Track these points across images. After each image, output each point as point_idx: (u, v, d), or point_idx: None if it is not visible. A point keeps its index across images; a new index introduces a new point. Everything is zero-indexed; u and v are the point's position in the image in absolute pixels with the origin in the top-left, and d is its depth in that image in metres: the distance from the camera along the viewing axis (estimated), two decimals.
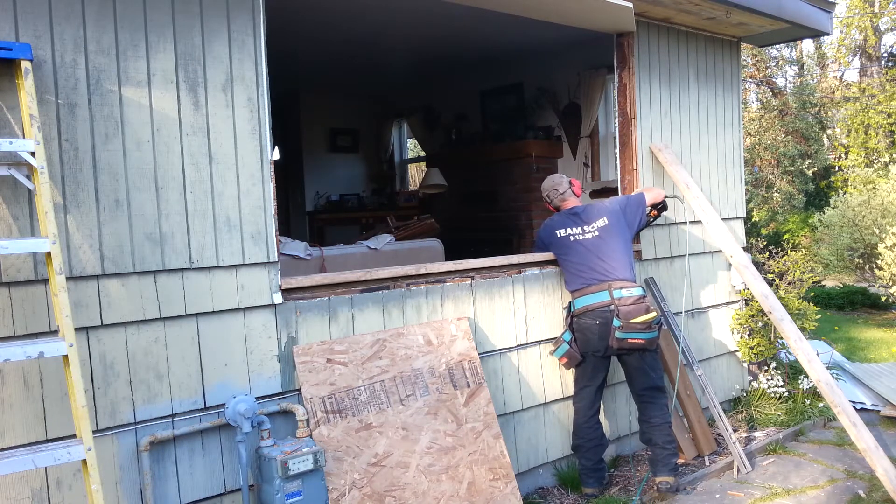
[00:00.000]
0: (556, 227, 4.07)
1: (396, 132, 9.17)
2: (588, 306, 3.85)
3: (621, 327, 3.75)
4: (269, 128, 3.10)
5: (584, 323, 3.87)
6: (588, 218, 4.02)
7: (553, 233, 4.07)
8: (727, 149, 5.44)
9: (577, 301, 3.91)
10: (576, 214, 4.06)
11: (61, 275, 2.35)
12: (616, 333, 3.76)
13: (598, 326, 3.82)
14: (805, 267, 5.85)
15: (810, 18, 5.20)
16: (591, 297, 3.86)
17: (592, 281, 3.88)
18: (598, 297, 3.84)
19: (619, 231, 3.98)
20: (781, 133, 15.49)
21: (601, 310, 3.82)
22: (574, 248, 3.96)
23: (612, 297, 3.80)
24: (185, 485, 2.90)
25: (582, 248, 3.94)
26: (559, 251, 4.05)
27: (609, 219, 3.99)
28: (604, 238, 3.94)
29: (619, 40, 4.66)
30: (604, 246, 3.93)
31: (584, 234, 3.97)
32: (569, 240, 3.99)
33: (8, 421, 2.50)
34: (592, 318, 3.84)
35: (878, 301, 9.44)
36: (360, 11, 4.99)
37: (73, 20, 2.61)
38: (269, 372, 3.11)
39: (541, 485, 4.17)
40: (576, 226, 4.00)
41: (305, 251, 4.46)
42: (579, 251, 3.95)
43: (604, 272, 3.88)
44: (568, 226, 4.02)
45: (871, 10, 15.00)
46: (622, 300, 3.79)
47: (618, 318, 3.76)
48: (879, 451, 3.71)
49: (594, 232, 3.96)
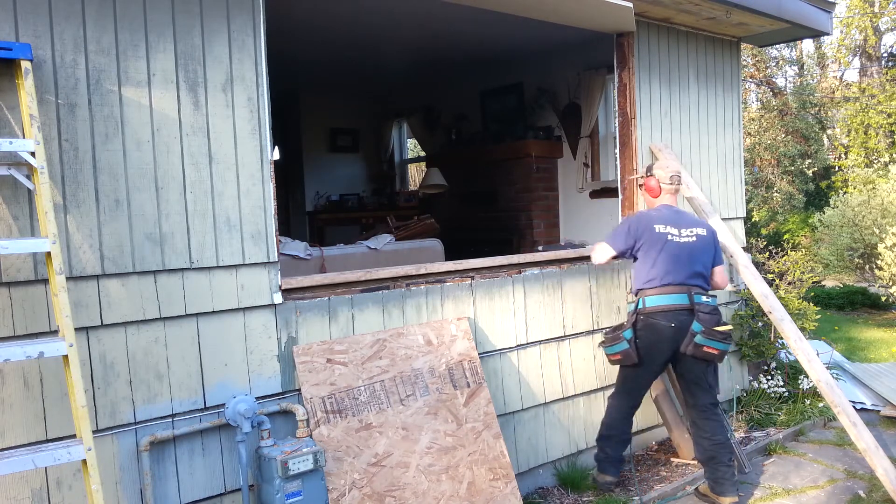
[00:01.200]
0: (656, 220, 3.83)
1: (396, 132, 9.17)
2: (664, 306, 3.68)
3: (703, 332, 3.62)
4: (269, 128, 3.10)
5: (655, 323, 3.69)
6: (688, 222, 3.87)
7: (651, 226, 3.82)
8: (727, 149, 5.44)
9: (650, 299, 3.72)
10: (678, 214, 3.91)
11: (61, 275, 2.35)
12: (696, 339, 3.62)
13: (672, 330, 3.67)
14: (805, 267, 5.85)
15: (810, 18, 5.20)
16: (667, 298, 3.69)
17: (672, 281, 3.71)
18: (677, 298, 3.69)
19: (711, 249, 3.88)
20: (781, 133, 15.49)
21: (677, 312, 3.67)
22: (667, 247, 3.76)
23: (692, 301, 3.68)
24: (185, 485, 2.90)
25: (675, 248, 3.76)
26: (648, 245, 3.79)
27: (708, 232, 3.89)
28: (699, 246, 3.81)
29: (619, 40, 4.66)
30: (696, 253, 3.79)
31: (679, 237, 3.79)
32: (665, 238, 3.78)
33: (8, 421, 2.50)
34: (666, 319, 3.67)
35: (878, 301, 9.44)
36: (361, 11, 4.99)
37: (73, 20, 2.61)
38: (269, 372, 3.11)
39: (541, 485, 4.17)
40: (675, 226, 3.81)
41: (305, 251, 4.47)
42: (670, 250, 3.76)
43: (687, 276, 3.73)
44: (669, 223, 3.81)
45: (871, 10, 15.00)
46: (702, 306, 3.67)
47: (699, 322, 3.63)
48: (879, 451, 3.71)
49: (691, 237, 3.80)
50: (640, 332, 3.74)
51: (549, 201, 6.85)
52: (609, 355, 3.87)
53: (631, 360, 3.75)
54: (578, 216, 6.71)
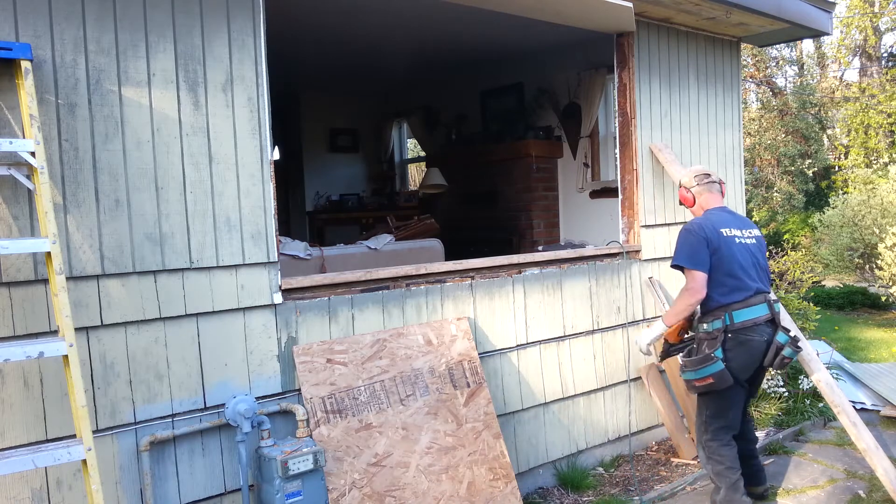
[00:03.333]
0: (718, 224, 3.49)
1: (396, 132, 9.17)
2: (754, 319, 3.40)
3: (790, 344, 3.42)
4: (269, 128, 3.10)
5: (749, 339, 3.40)
6: (741, 223, 3.61)
7: (718, 231, 3.46)
8: (727, 149, 5.44)
9: (739, 313, 3.40)
10: (732, 214, 3.64)
11: (61, 275, 2.35)
12: (785, 351, 3.41)
13: (764, 344, 3.41)
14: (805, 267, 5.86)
15: (810, 18, 5.20)
16: (754, 310, 3.41)
17: (753, 290, 3.44)
18: (761, 309, 3.43)
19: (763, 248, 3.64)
20: (781, 133, 15.50)
21: (764, 325, 3.42)
22: (737, 251, 3.45)
23: (772, 310, 3.45)
24: (185, 485, 2.90)
25: (747, 251, 3.48)
26: (722, 252, 3.43)
27: (758, 231, 3.65)
28: (759, 246, 3.58)
29: (619, 40, 4.66)
30: (759, 255, 3.55)
31: (743, 238, 3.52)
32: (734, 240, 3.47)
33: (8, 421, 2.50)
34: (759, 333, 3.40)
35: (878, 301, 9.44)
36: (361, 11, 4.99)
37: (73, 20, 2.61)
38: (269, 372, 3.11)
39: (541, 485, 4.17)
40: (736, 227, 3.53)
41: (305, 251, 4.46)
42: (743, 254, 3.46)
43: (760, 282, 3.50)
44: (730, 225, 3.52)
45: (871, 10, 15.00)
46: (779, 315, 3.47)
47: (784, 332, 3.43)
48: (879, 451, 3.71)
49: (752, 239, 3.56)
50: (730, 353, 3.41)
51: (549, 201, 6.85)
52: (696, 380, 3.43)
53: (726, 383, 3.38)
54: (578, 216, 6.71)
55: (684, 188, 3.76)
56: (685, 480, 4.15)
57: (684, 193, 3.76)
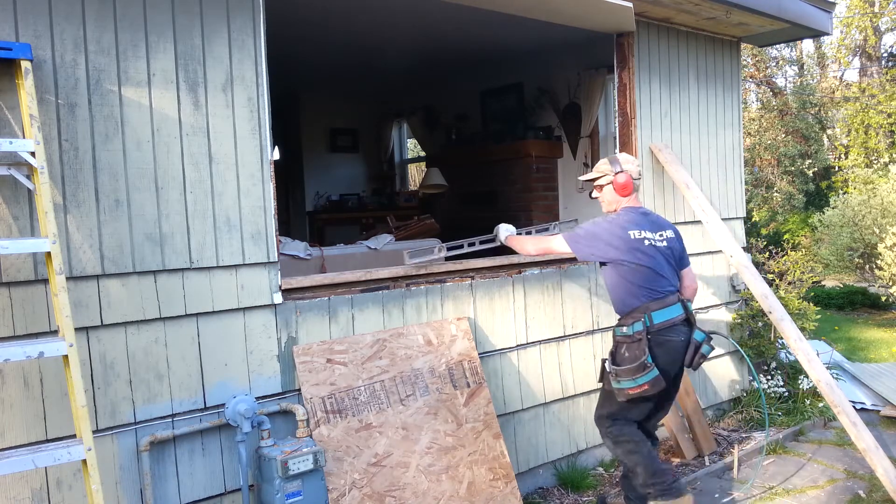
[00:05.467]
0: (628, 226, 3.40)
1: (396, 132, 9.18)
2: (672, 320, 3.36)
3: (706, 341, 3.40)
4: (269, 128, 3.10)
5: (668, 340, 3.35)
6: (656, 224, 3.51)
7: (625, 232, 3.38)
8: (727, 149, 5.44)
9: (658, 314, 3.35)
10: (646, 215, 3.53)
11: (61, 275, 2.35)
12: (703, 349, 3.37)
13: (682, 343, 3.38)
14: (805, 267, 5.85)
15: (810, 18, 5.20)
16: (671, 310, 3.37)
17: (668, 291, 3.41)
18: (677, 309, 3.39)
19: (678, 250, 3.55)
20: (781, 133, 15.50)
21: (681, 325, 3.39)
22: (650, 253, 3.39)
23: (686, 309, 3.42)
24: (185, 485, 2.90)
25: (660, 255, 3.42)
26: (630, 256, 3.36)
27: (675, 233, 3.56)
28: (671, 248, 3.49)
29: (619, 40, 4.66)
30: (672, 256, 3.49)
31: (656, 241, 3.44)
32: (643, 243, 3.38)
33: (8, 421, 2.50)
34: (676, 333, 3.37)
35: (878, 301, 9.44)
36: (360, 11, 4.98)
37: (73, 20, 2.61)
38: (269, 372, 3.11)
39: (541, 485, 4.17)
40: (650, 230, 3.44)
41: (305, 251, 4.46)
42: (656, 257, 3.40)
43: (673, 284, 3.46)
44: (643, 227, 3.42)
45: (871, 10, 15.00)
46: (693, 314, 3.46)
47: (700, 330, 3.41)
48: (879, 451, 3.71)
49: (663, 241, 3.48)
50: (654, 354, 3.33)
51: (549, 201, 6.85)
52: (631, 389, 3.28)
53: (660, 387, 3.28)
54: (578, 216, 6.70)
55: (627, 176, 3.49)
56: (685, 480, 4.15)
57: (623, 180, 3.48)
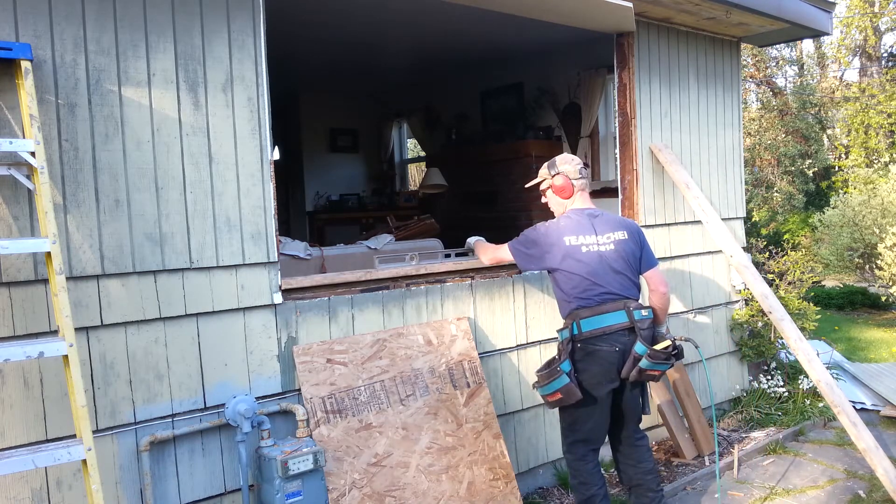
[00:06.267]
0: (565, 231, 3.29)
1: (396, 132, 9.18)
2: (604, 329, 3.15)
3: (649, 356, 3.12)
4: (269, 128, 3.10)
5: (598, 349, 3.15)
6: (605, 226, 3.33)
7: (560, 238, 3.27)
8: (727, 149, 5.44)
9: (587, 322, 3.17)
10: (595, 217, 3.35)
11: (61, 275, 2.35)
12: (642, 363, 3.12)
13: (616, 354, 3.16)
14: (805, 267, 5.85)
15: (810, 18, 5.20)
16: (606, 318, 3.16)
17: (606, 298, 3.19)
18: (615, 317, 3.17)
19: (634, 252, 3.33)
20: (781, 133, 15.50)
21: (619, 333, 3.16)
22: (585, 259, 3.23)
23: (631, 318, 3.17)
24: (185, 485, 2.90)
25: (596, 259, 3.24)
26: (563, 263, 3.25)
27: (630, 232, 3.36)
28: (620, 252, 3.28)
29: (619, 40, 4.66)
30: (620, 260, 3.27)
31: (598, 245, 3.26)
32: (579, 250, 3.24)
33: (8, 421, 2.50)
34: (609, 342, 3.15)
35: (878, 301, 9.44)
36: (360, 11, 4.99)
37: (73, 20, 2.61)
38: (269, 372, 3.12)
39: (541, 485, 4.17)
40: (590, 233, 3.28)
41: (305, 251, 4.47)
42: (591, 263, 3.23)
43: (619, 289, 3.23)
44: (581, 232, 3.28)
45: (871, 10, 15.00)
46: (642, 322, 3.18)
47: (642, 343, 3.13)
48: (879, 451, 3.71)
49: (609, 245, 3.28)
50: (579, 364, 3.17)
51: None
52: (547, 396, 3.17)
53: (574, 397, 3.11)
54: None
55: (565, 178, 3.41)
56: (685, 480, 4.15)
57: (560, 183, 3.42)
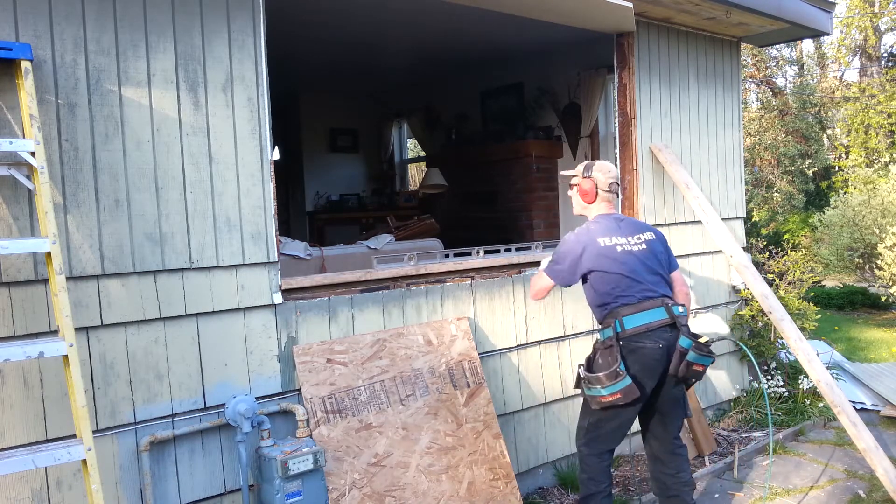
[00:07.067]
0: (596, 234, 3.26)
1: (396, 132, 9.18)
2: (647, 325, 3.11)
3: (695, 347, 3.07)
4: (269, 128, 3.10)
5: (641, 346, 3.10)
6: (632, 228, 3.34)
7: (593, 240, 3.23)
8: (727, 149, 5.44)
9: (630, 319, 3.12)
10: (621, 221, 3.36)
11: (61, 275, 2.35)
12: (689, 356, 3.06)
13: (661, 351, 3.10)
14: (805, 267, 5.85)
15: (810, 18, 5.20)
16: (647, 315, 3.13)
17: (647, 295, 3.17)
18: (657, 314, 3.13)
19: (663, 253, 3.36)
20: (781, 133, 15.50)
21: (662, 329, 3.12)
22: (621, 259, 3.20)
23: (671, 314, 3.14)
24: (185, 485, 2.90)
25: (632, 258, 3.21)
26: (599, 264, 3.21)
27: (657, 235, 3.38)
28: (652, 252, 3.29)
29: (619, 40, 4.66)
30: (654, 259, 3.27)
31: (629, 245, 3.26)
32: (615, 250, 3.22)
33: (8, 421, 2.50)
34: (653, 339, 3.10)
35: (878, 301, 9.44)
36: (360, 11, 4.99)
37: (73, 20, 2.61)
38: (269, 372, 3.12)
39: (541, 485, 4.17)
40: (620, 235, 3.27)
41: (305, 251, 4.47)
42: (628, 262, 3.20)
43: (656, 286, 3.21)
44: (612, 234, 3.26)
45: (871, 10, 14.99)
46: (681, 318, 3.14)
47: (687, 336, 3.09)
48: (879, 451, 3.71)
49: (641, 245, 3.28)
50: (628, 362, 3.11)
51: (549, 201, 6.85)
52: (601, 398, 3.08)
53: (632, 397, 3.05)
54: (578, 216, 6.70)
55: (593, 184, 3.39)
56: None
57: (587, 187, 3.40)
